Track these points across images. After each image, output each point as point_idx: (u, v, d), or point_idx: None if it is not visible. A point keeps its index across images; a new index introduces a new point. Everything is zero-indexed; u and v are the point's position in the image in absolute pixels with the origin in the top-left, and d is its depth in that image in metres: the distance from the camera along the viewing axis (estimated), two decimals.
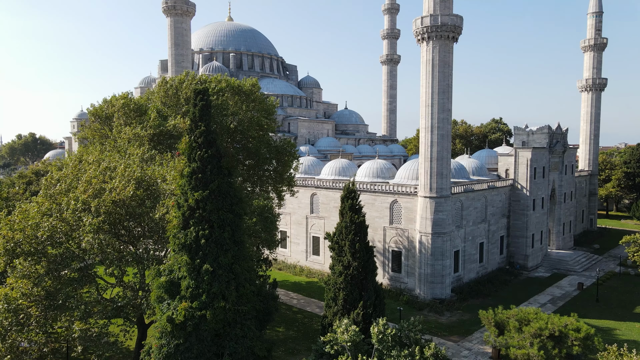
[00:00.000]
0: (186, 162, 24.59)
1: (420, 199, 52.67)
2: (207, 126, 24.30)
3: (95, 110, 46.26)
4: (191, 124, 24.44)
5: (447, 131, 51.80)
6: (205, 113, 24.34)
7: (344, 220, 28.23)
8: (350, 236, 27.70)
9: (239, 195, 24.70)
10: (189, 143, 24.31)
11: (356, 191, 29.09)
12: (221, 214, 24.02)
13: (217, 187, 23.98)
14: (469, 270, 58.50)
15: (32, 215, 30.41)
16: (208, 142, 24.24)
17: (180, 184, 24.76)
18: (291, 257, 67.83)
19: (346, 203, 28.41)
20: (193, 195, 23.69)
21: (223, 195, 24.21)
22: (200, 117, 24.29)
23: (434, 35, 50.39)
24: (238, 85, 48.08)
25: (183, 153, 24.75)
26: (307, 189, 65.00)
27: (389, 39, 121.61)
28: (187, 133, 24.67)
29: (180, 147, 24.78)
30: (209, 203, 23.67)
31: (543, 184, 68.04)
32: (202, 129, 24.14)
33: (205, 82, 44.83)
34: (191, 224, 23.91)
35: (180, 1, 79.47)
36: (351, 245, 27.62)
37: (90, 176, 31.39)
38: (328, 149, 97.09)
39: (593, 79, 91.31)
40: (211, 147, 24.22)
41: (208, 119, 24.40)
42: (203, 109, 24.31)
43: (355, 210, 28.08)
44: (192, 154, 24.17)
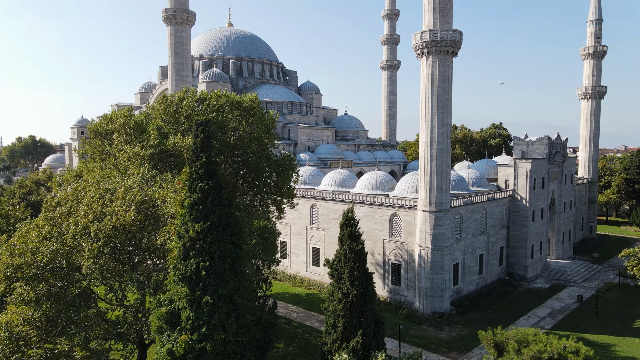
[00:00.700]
0: (187, 192, 24.69)
1: (419, 213, 52.78)
2: (208, 157, 24.42)
3: (96, 126, 46.35)
4: (192, 154, 24.55)
5: (447, 145, 51.91)
6: (206, 144, 24.45)
7: (343, 247, 28.37)
8: (349, 264, 27.82)
9: (239, 226, 24.82)
10: (190, 174, 24.41)
11: (355, 218, 29.22)
12: (221, 245, 24.13)
13: (218, 218, 24.10)
14: (468, 282, 58.64)
15: (32, 239, 30.50)
16: (209, 173, 24.35)
17: (180, 214, 24.87)
18: (291, 267, 67.95)
19: (345, 231, 28.55)
20: (194, 226, 23.80)
21: (223, 226, 24.33)
22: (201, 148, 24.40)
23: (434, 50, 50.48)
24: (238, 101, 48.22)
25: (184, 183, 24.84)
26: (307, 200, 65.10)
27: (388, 45, 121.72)
28: (188, 163, 24.76)
29: (181, 178, 24.89)
30: (210, 235, 23.79)
31: (542, 195, 68.15)
32: (203, 160, 24.25)
33: (206, 100, 44.94)
34: (192, 255, 24.03)
35: (180, 10, 79.52)
36: (350, 273, 27.75)
37: (91, 200, 31.49)
38: (328, 156, 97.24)
39: (593, 87, 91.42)
40: (212, 178, 24.33)
41: (209, 150, 24.51)
42: (204, 140, 24.42)
43: (354, 238, 28.22)
44: (193, 185, 24.28)
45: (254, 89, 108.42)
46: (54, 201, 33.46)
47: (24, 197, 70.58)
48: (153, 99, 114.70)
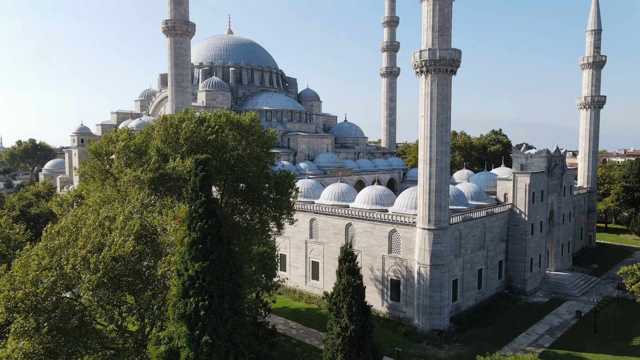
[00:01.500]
0: (186, 230, 24.84)
1: (418, 230, 52.93)
2: (208, 196, 24.57)
3: (96, 146, 46.42)
4: (191, 193, 24.70)
5: (446, 163, 52.05)
6: (205, 183, 24.60)
7: (342, 281, 28.54)
8: (347, 298, 28.01)
9: (239, 264, 24.96)
10: (190, 212, 24.56)
11: (354, 253, 29.38)
12: (221, 284, 24.30)
13: (217, 257, 24.26)
14: (467, 298, 58.81)
15: (32, 269, 30.64)
16: (208, 212, 24.50)
17: (180, 251, 25.02)
18: (290, 280, 68.10)
19: (344, 265, 28.73)
20: (193, 265, 23.97)
21: (223, 264, 24.49)
22: (200, 187, 24.55)
23: (433, 69, 50.61)
24: (238, 121, 48.32)
25: (183, 221, 25.00)
26: (306, 214, 65.25)
27: (388, 52, 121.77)
28: (187, 201, 24.91)
29: (180, 215, 25.04)
30: (209, 274, 23.95)
31: (542, 208, 68.31)
32: (203, 199, 24.39)
33: (205, 121, 45.05)
34: (191, 293, 24.18)
35: (180, 22, 79.59)
36: (349, 308, 27.93)
37: (89, 230, 31.63)
38: (327, 165, 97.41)
39: (592, 97, 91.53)
40: (211, 217, 24.49)
41: (208, 189, 24.67)
42: (204, 179, 24.57)
43: (352, 272, 28.40)
44: (193, 224, 24.43)
45: (253, 96, 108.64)
46: (54, 230, 33.59)
47: (24, 210, 70.68)
48: (153, 107, 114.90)
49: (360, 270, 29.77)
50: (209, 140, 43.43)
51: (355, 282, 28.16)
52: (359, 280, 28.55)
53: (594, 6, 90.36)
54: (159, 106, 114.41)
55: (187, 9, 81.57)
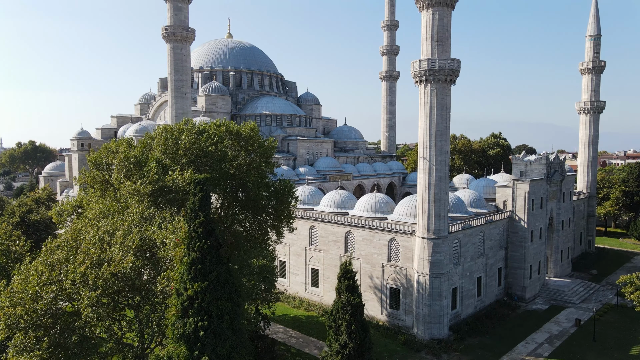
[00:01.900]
0: (185, 249, 24.92)
1: (418, 239, 53.00)
2: (207, 216, 24.66)
3: (95, 157, 46.52)
4: (190, 212, 24.78)
5: (445, 173, 52.13)
6: (204, 203, 24.69)
7: (341, 299, 28.65)
8: (347, 316, 28.12)
9: (238, 283, 25.04)
10: (189, 232, 24.64)
11: (353, 270, 29.48)
12: (220, 304, 24.39)
13: (216, 277, 24.35)
14: (466, 305, 58.90)
15: (31, 284, 30.74)
16: (207, 232, 24.59)
17: (179, 270, 25.12)
18: (290, 287, 68.19)
19: (343, 283, 28.84)
20: (192, 285, 24.05)
21: (222, 284, 24.59)
22: (199, 206, 24.64)
23: (432, 79, 50.68)
24: (237, 131, 48.44)
25: (182, 240, 25.08)
26: (305, 221, 65.32)
27: (388, 56, 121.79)
28: (186, 220, 24.99)
29: (179, 234, 25.13)
30: (208, 294, 24.04)
31: (541, 215, 68.40)
32: (202, 219, 24.48)
33: (205, 132, 45.12)
34: (190, 313, 24.27)
35: (180, 28, 79.64)
36: (347, 326, 28.04)
37: (88, 245, 31.72)
38: (327, 170, 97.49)
39: (591, 102, 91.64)
40: (210, 237, 24.58)
41: (207, 209, 24.75)
42: (202, 199, 24.66)
43: (351, 290, 28.50)
44: (192, 243, 24.53)
45: (253, 101, 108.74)
46: (53, 244, 33.66)
47: (24, 217, 70.76)
48: (152, 111, 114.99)
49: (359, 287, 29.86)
50: (209, 151, 43.52)
51: (354, 300, 28.27)
52: (357, 299, 28.67)
53: (594, 11, 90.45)
54: (158, 110, 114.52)
55: (186, 15, 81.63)
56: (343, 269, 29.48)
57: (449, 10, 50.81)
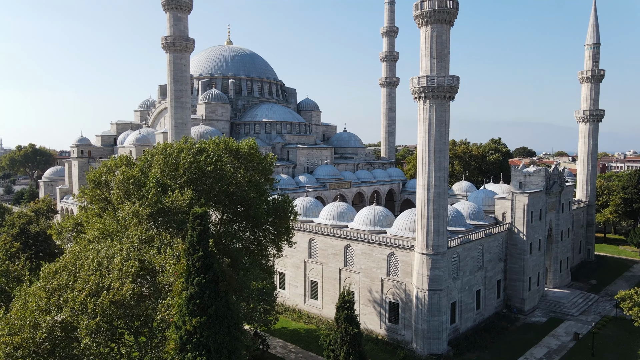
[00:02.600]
0: (184, 283, 25.02)
1: (417, 255, 53.10)
2: (205, 250, 24.77)
3: (94, 175, 46.67)
4: (189, 247, 24.88)
5: (444, 189, 52.22)
6: (203, 237, 24.79)
7: (340, 329, 28.77)
8: (345, 347, 28.24)
9: (236, 317, 25.15)
10: (188, 267, 24.75)
11: (352, 301, 29.59)
12: (218, 338, 24.51)
13: (215, 311, 24.46)
14: (465, 319, 59.00)
15: (30, 311, 30.85)
16: (206, 266, 24.71)
17: (178, 304, 25.21)
18: (290, 299, 68.32)
19: (341, 313, 28.96)
20: (191, 320, 24.16)
21: (220, 319, 24.70)
22: (198, 241, 24.75)
23: (431, 95, 50.77)
24: (236, 148, 48.53)
25: (181, 274, 25.18)
26: (305, 233, 65.43)
27: (387, 62, 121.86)
28: (185, 254, 25.10)
29: (178, 269, 25.23)
30: (207, 329, 24.17)
31: (540, 226, 68.51)
32: (200, 253, 24.59)
33: (204, 151, 45.21)
34: (189, 348, 24.39)
35: (179, 38, 79.68)
36: (346, 357, 28.16)
37: (87, 271, 31.83)
38: (327, 178, 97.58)
39: (590, 110, 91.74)
40: (209, 271, 24.70)
41: (206, 243, 24.87)
42: (201, 234, 24.77)
43: (350, 321, 28.62)
44: (190, 278, 24.64)
45: (253, 108, 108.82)
46: (52, 269, 33.75)
47: (24, 228, 70.84)
48: (152, 118, 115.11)
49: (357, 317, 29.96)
50: (208, 171, 43.63)
51: (352, 331, 28.40)
52: (356, 329, 28.80)
53: (593, 20, 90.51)
54: (158, 117, 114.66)
55: (186, 24, 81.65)
56: (342, 298, 29.62)
57: (447, 27, 50.91)
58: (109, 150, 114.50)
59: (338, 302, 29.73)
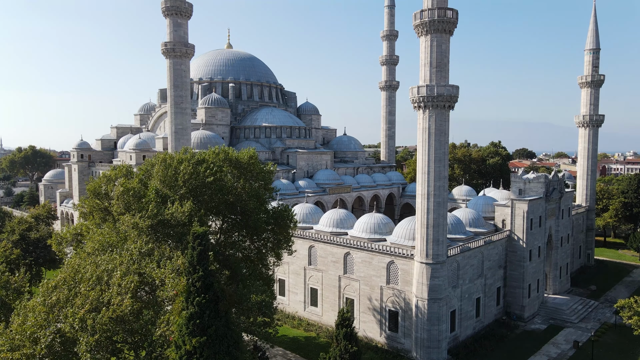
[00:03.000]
0: (184, 302, 25.07)
1: (416, 264, 53.15)
2: (205, 270, 24.81)
3: (94, 186, 46.73)
4: (189, 266, 24.92)
5: (444, 198, 52.27)
6: (203, 257, 24.83)
7: (339, 346, 28.83)
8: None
9: (236, 336, 25.21)
10: (188, 286, 24.79)
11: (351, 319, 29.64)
12: (218, 358, 24.54)
13: (215, 331, 24.51)
14: (465, 327, 59.05)
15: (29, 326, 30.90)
16: (206, 285, 24.75)
17: (178, 323, 25.25)
18: (289, 306, 68.38)
19: (340, 330, 29.01)
20: (191, 340, 24.20)
21: (220, 338, 24.74)
22: (198, 261, 24.80)
23: (431, 105, 50.82)
24: (236, 158, 48.57)
25: (181, 293, 25.23)
26: (304, 240, 65.46)
27: (387, 66, 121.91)
28: (185, 274, 25.14)
29: (178, 288, 25.28)
30: (207, 349, 24.21)
31: (540, 233, 68.56)
32: (200, 273, 24.63)
33: (204, 162, 45.23)
34: None
35: (179, 44, 79.70)
36: None
37: (87, 287, 31.86)
38: (327, 183, 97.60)
39: (590, 115, 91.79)
40: (209, 291, 24.74)
41: (206, 263, 24.91)
42: (201, 254, 24.82)
43: (349, 338, 28.67)
44: (190, 297, 24.68)
45: (252, 112, 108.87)
46: (51, 284, 33.77)
47: (24, 234, 70.94)
48: (152, 122, 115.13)
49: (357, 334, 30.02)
50: (208, 182, 43.66)
51: (352, 349, 28.46)
52: (355, 347, 28.86)
53: (592, 25, 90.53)
54: (158, 121, 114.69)
55: (186, 30, 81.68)
56: (341, 315, 29.68)
57: (447, 36, 50.95)
58: (109, 154, 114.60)
59: (337, 319, 29.79)
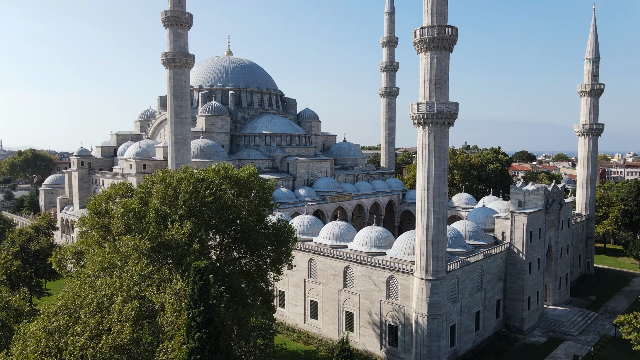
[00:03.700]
0: (184, 336, 25.15)
1: (416, 280, 53.24)
2: (206, 305, 24.90)
3: (94, 204, 46.80)
4: (190, 300, 25.00)
5: (443, 215, 52.35)
6: (204, 292, 24.92)
7: None
8: None
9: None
10: (188, 321, 24.87)
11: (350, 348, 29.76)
12: None
13: None
14: (465, 341, 59.13)
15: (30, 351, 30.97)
16: (207, 320, 24.86)
17: (179, 356, 25.32)
18: (289, 318, 68.48)
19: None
20: None
21: None
22: (199, 295, 24.88)
23: (430, 122, 50.89)
24: (236, 176, 48.64)
25: (181, 326, 25.31)
26: (304, 253, 65.55)
27: (387, 72, 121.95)
28: (185, 307, 25.22)
29: (179, 322, 25.36)
30: None
31: (539, 245, 68.64)
32: (201, 308, 24.72)
33: (204, 181, 45.31)
34: None
35: (179, 54, 79.73)
36: None
37: (87, 314, 31.93)
38: (327, 191, 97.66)
39: (590, 124, 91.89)
40: (209, 326, 24.83)
41: (207, 298, 24.99)
42: (202, 289, 24.92)
43: None
44: (191, 332, 24.77)
45: (252, 120, 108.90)
46: (51, 310, 33.82)
47: (24, 246, 71.02)
48: (152, 129, 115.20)
49: None
50: (208, 201, 43.75)
51: None
52: None
53: (592, 34, 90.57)
54: (158, 128, 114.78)
55: (186, 40, 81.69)
56: (340, 347, 29.78)
57: (447, 53, 51.01)
58: (109, 162, 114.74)
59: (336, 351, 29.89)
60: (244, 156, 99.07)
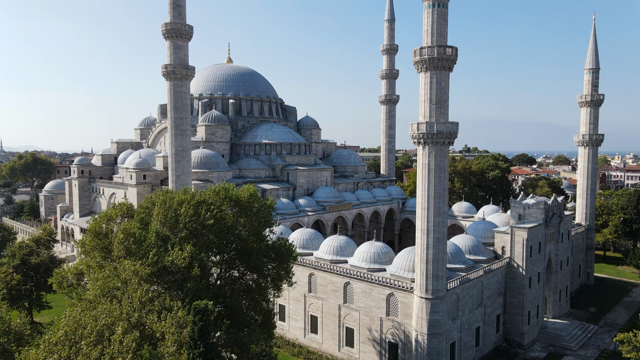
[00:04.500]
0: None
1: (416, 298, 53.33)
2: (206, 346, 24.96)
3: (94, 226, 46.85)
4: (190, 340, 25.07)
5: (443, 234, 52.42)
6: (204, 332, 24.99)
7: None
8: None
9: None
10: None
11: None
12: None
13: None
14: (465, 358, 59.15)
15: None
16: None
17: None
18: (290, 332, 68.57)
19: None
20: None
21: None
22: (199, 336, 24.95)
23: (430, 142, 50.95)
24: (236, 197, 48.69)
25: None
26: (305, 268, 65.62)
27: (387, 79, 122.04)
28: (186, 347, 25.30)
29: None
30: None
31: (539, 259, 68.71)
32: (201, 349, 24.79)
33: (204, 203, 45.38)
34: None
35: (180, 66, 79.74)
36: None
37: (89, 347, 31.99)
38: (327, 200, 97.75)
39: (590, 135, 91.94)
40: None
41: (207, 338, 25.06)
42: (202, 329, 24.98)
43: None
44: None
45: (252, 128, 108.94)
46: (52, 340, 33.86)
47: (25, 259, 71.07)
48: (152, 138, 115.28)
49: None
50: (208, 224, 43.82)
51: None
52: None
53: (592, 45, 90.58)
54: (158, 136, 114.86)
55: (186, 52, 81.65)
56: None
57: (447, 73, 51.05)
58: (109, 170, 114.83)
59: None
60: (244, 165, 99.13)
